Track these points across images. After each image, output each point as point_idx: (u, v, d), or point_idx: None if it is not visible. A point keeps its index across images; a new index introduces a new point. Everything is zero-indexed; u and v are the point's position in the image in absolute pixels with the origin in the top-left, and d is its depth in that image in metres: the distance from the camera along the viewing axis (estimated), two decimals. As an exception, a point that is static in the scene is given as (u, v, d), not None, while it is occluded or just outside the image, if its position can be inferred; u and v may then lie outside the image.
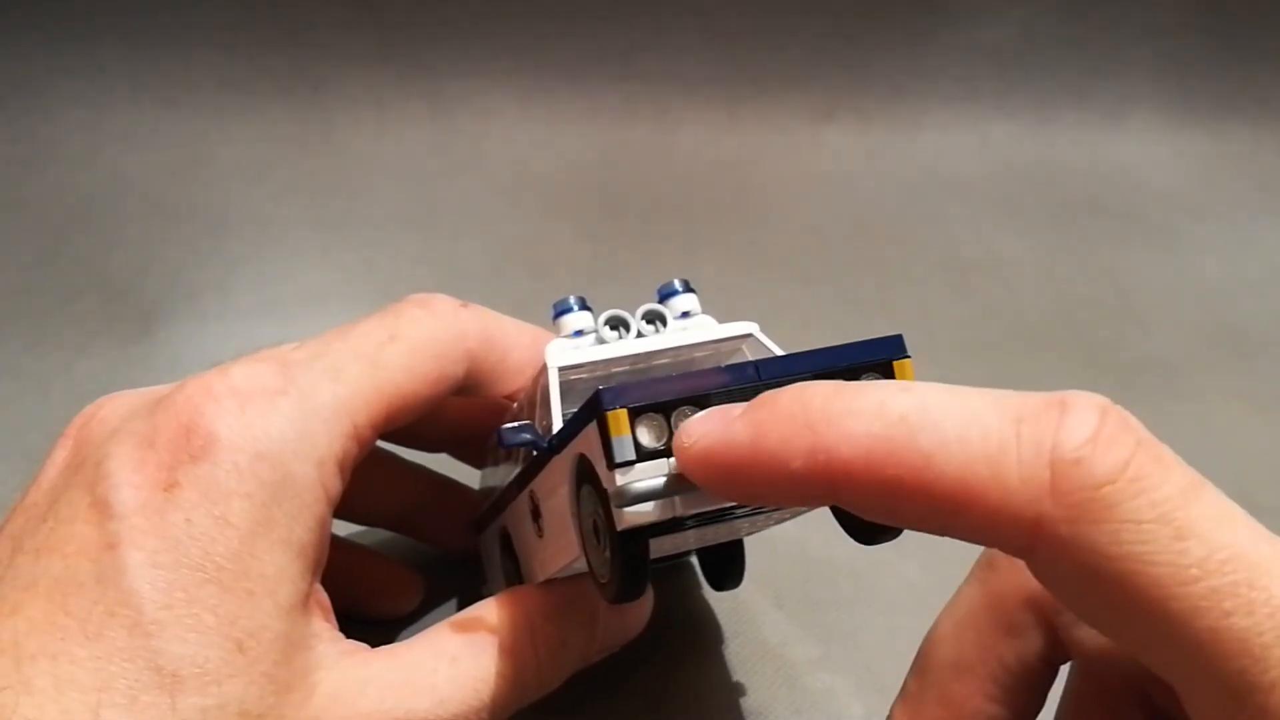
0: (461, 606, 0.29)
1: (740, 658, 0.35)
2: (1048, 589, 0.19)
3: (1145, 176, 0.66)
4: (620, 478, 0.21)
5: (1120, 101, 0.68)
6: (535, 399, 0.28)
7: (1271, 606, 0.17)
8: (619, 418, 0.21)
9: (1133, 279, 0.58)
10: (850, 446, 0.19)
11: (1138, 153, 0.67)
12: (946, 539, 0.41)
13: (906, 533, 0.25)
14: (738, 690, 0.34)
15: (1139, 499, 0.17)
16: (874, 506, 0.19)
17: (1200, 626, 0.17)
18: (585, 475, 0.23)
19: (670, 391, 0.22)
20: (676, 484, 0.21)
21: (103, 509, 0.24)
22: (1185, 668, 0.18)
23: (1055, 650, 0.24)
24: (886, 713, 0.34)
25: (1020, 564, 0.20)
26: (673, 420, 0.22)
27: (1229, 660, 0.17)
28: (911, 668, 0.25)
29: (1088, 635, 0.23)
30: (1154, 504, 0.17)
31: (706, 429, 0.21)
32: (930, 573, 0.39)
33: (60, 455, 0.27)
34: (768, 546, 0.36)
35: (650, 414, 0.22)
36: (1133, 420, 0.18)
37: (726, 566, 0.33)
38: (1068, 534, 0.17)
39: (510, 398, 0.32)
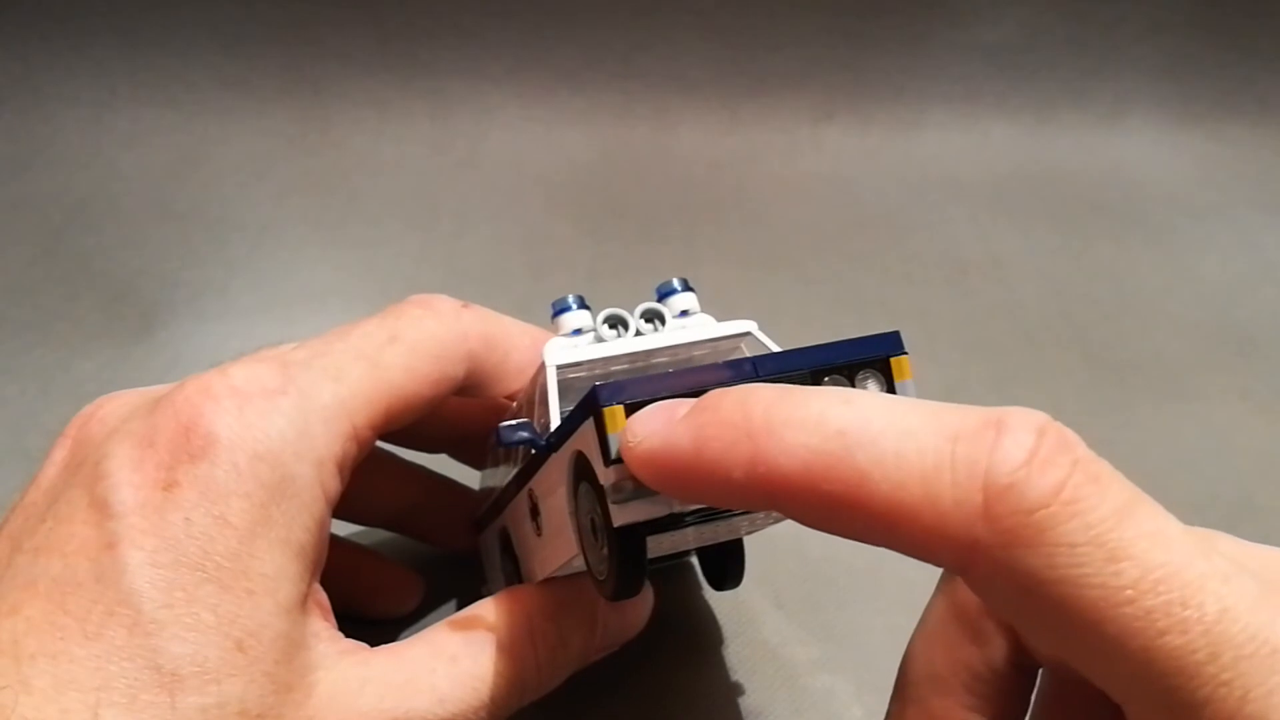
0: (461, 606, 0.29)
1: (740, 658, 0.35)
2: (987, 605, 0.19)
3: (1145, 176, 0.66)
4: (617, 474, 0.21)
5: (1120, 101, 0.68)
6: (534, 398, 0.28)
7: (1205, 625, 0.17)
8: (615, 414, 0.21)
9: (1133, 279, 0.58)
10: (788, 459, 0.19)
11: (1138, 153, 0.67)
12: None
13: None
14: (738, 690, 0.34)
15: (1072, 522, 0.17)
16: (812, 519, 0.19)
17: (1135, 646, 0.17)
18: (583, 472, 0.23)
19: (667, 388, 0.22)
20: None
21: (102, 508, 0.24)
22: (1124, 685, 0.18)
23: (1022, 655, 0.24)
24: (886, 712, 0.34)
25: None
26: None
27: (1164, 679, 0.17)
28: (893, 691, 0.25)
29: (1040, 645, 0.23)
30: (1088, 526, 0.17)
31: (651, 429, 0.20)
32: (930, 573, 0.39)
33: (59, 455, 0.27)
34: (768, 546, 0.36)
35: None
36: (1071, 438, 0.18)
37: (726, 566, 0.33)
38: (1002, 557, 0.17)
39: (510, 398, 0.32)
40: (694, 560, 0.37)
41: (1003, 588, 0.18)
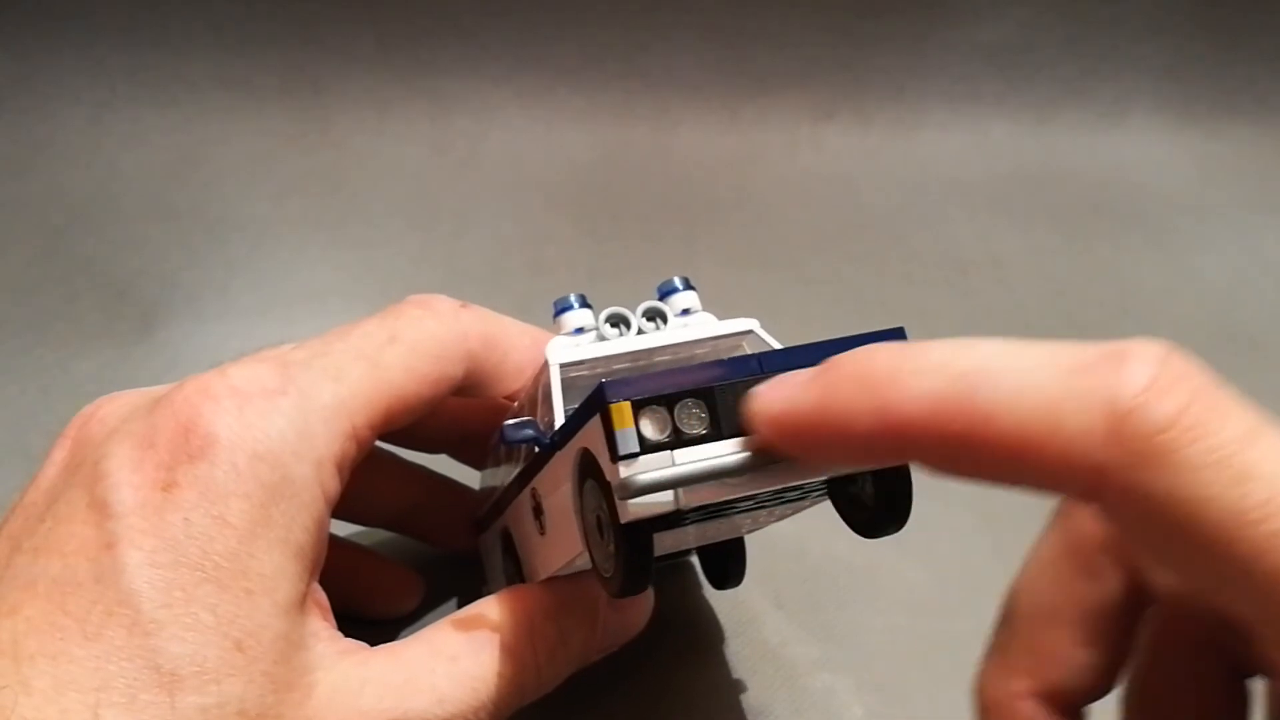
0: (462, 607, 0.29)
1: (740, 658, 0.35)
2: (1117, 532, 0.20)
3: (1145, 176, 0.66)
4: (624, 470, 0.21)
5: (1120, 101, 0.68)
6: (536, 397, 0.28)
7: None
8: (623, 410, 0.21)
9: (1133, 279, 0.58)
10: (914, 406, 0.19)
11: (1138, 153, 0.67)
12: (943, 540, 0.41)
13: (905, 533, 0.25)
14: (738, 689, 0.34)
15: (1195, 445, 0.17)
16: (939, 463, 0.19)
17: (1266, 566, 0.17)
18: (589, 469, 0.23)
19: (674, 384, 0.22)
20: (680, 476, 0.21)
21: (101, 509, 0.24)
22: (1253, 608, 0.18)
23: (1135, 593, 0.24)
24: (886, 712, 0.34)
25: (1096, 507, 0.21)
26: (675, 413, 0.22)
27: None
28: (997, 623, 0.25)
29: (1164, 577, 0.23)
30: (1211, 449, 0.17)
31: (777, 394, 0.21)
32: (930, 573, 0.39)
33: (59, 455, 0.27)
34: (768, 546, 0.36)
35: (654, 407, 0.22)
36: (1192, 367, 0.18)
37: (727, 565, 0.33)
38: (1128, 481, 0.18)
39: (510, 398, 0.32)
40: (694, 560, 0.37)
41: (1132, 512, 0.18)
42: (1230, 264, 0.59)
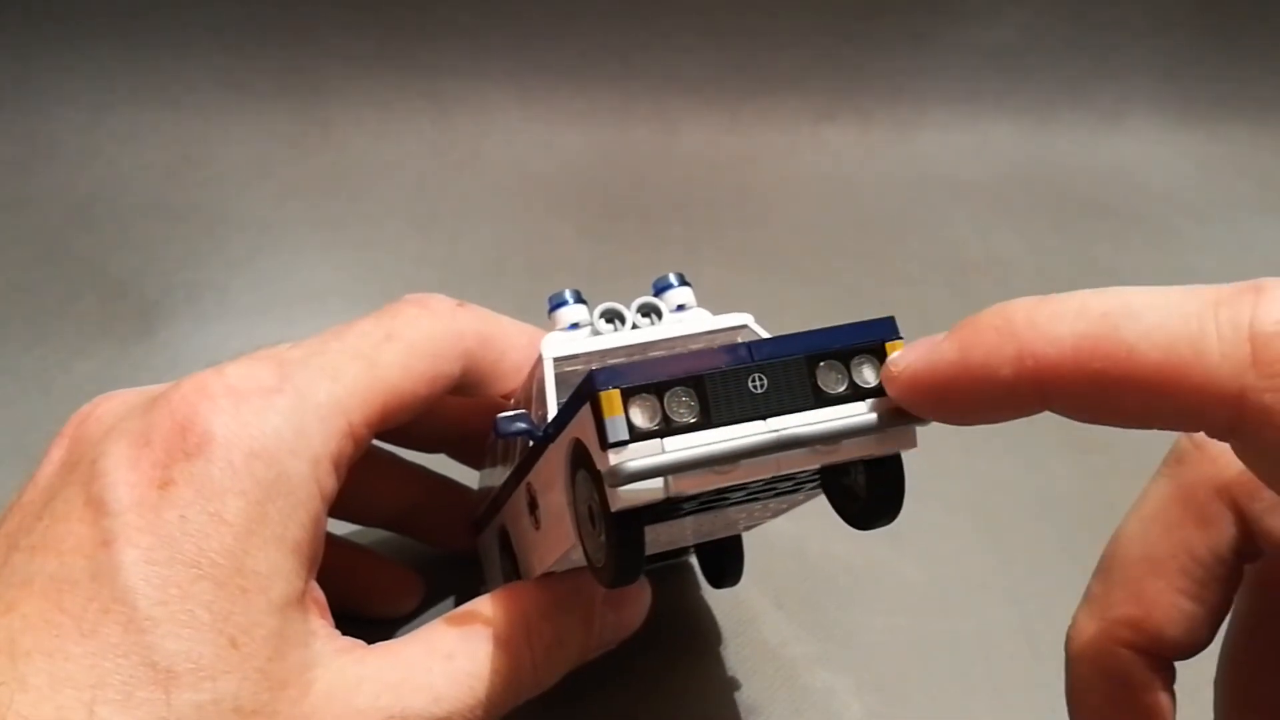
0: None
1: (740, 657, 0.35)
2: (1252, 467, 0.19)
3: (1145, 176, 0.65)
4: (614, 458, 0.21)
5: (1120, 101, 0.68)
6: (531, 393, 0.28)
7: None
8: (612, 398, 0.21)
9: (1133, 279, 0.57)
10: (1056, 347, 0.19)
11: (1138, 153, 0.67)
12: (942, 540, 0.41)
13: (905, 532, 0.25)
14: (737, 688, 0.34)
15: None
16: (1082, 402, 0.20)
17: None
18: (580, 460, 0.23)
19: (663, 373, 0.22)
20: (670, 464, 0.21)
21: (98, 506, 0.24)
22: None
23: (1246, 542, 0.24)
24: (886, 712, 0.34)
25: (1210, 453, 0.21)
26: (665, 401, 0.22)
27: None
28: (1095, 572, 0.25)
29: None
30: None
31: (915, 354, 0.21)
32: (929, 572, 0.39)
33: (56, 453, 0.27)
34: (766, 545, 0.36)
35: (643, 395, 0.22)
36: None
37: (725, 564, 0.33)
38: (1271, 403, 0.18)
39: (507, 397, 0.32)
40: (693, 559, 0.37)
41: (1271, 439, 0.18)
42: (1230, 264, 0.59)
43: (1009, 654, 0.36)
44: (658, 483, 0.21)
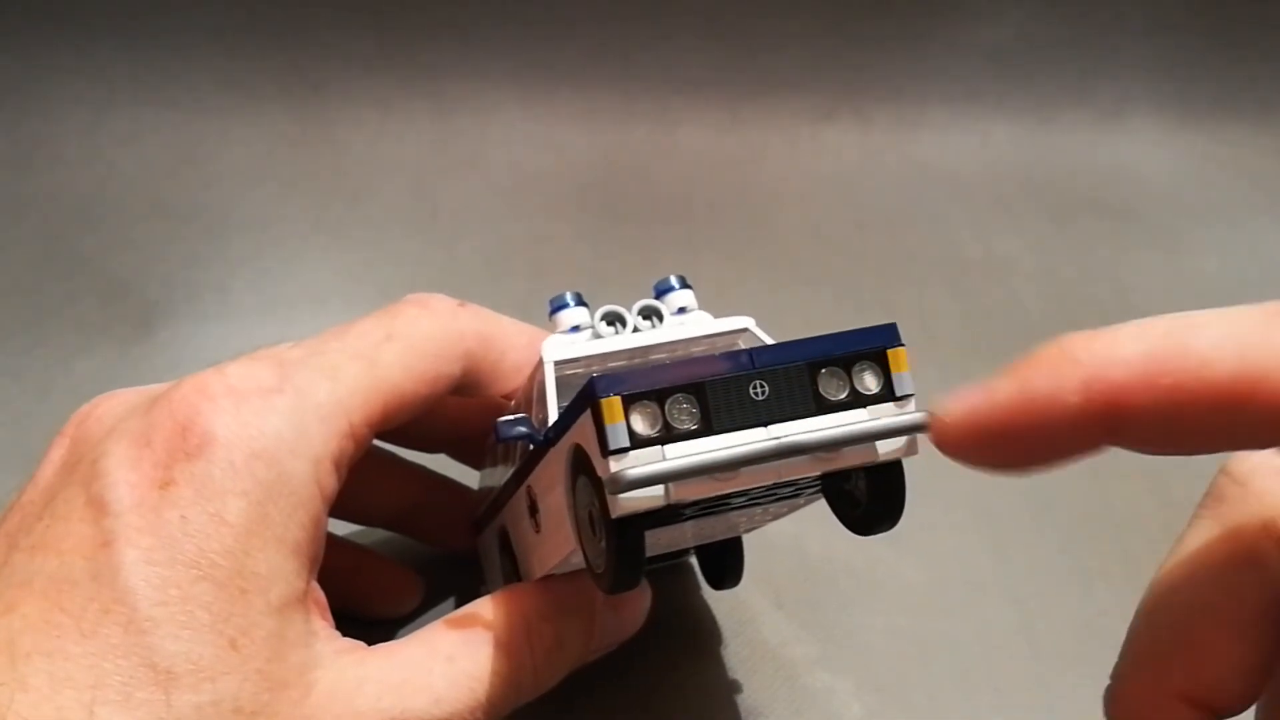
0: (460, 606, 0.29)
1: (740, 657, 0.35)
2: None
3: (1145, 176, 0.65)
4: (615, 465, 0.21)
5: (1120, 101, 0.68)
6: (532, 396, 0.28)
7: None
8: (613, 405, 0.21)
9: (1133, 279, 0.58)
10: (1124, 367, 0.19)
11: (1137, 153, 0.67)
12: (942, 540, 0.41)
13: (905, 533, 0.25)
14: (737, 689, 0.34)
15: None
16: (1158, 424, 0.19)
17: None
18: (581, 465, 0.23)
19: (665, 379, 0.22)
20: (671, 471, 0.21)
21: (98, 507, 0.24)
22: None
23: None
24: (886, 712, 0.34)
25: (1255, 489, 0.21)
26: (666, 408, 0.22)
27: None
28: (1136, 623, 0.23)
29: None
30: None
31: (966, 396, 0.20)
32: (929, 573, 0.39)
33: (57, 453, 0.27)
34: (767, 546, 0.36)
35: (644, 401, 0.21)
36: None
37: (725, 565, 0.33)
38: None
39: (508, 397, 0.32)
40: (693, 560, 0.37)
41: None
42: (1230, 264, 0.59)
43: (1009, 654, 0.36)
44: (658, 490, 0.21)
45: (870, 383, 0.23)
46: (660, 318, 0.27)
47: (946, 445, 0.21)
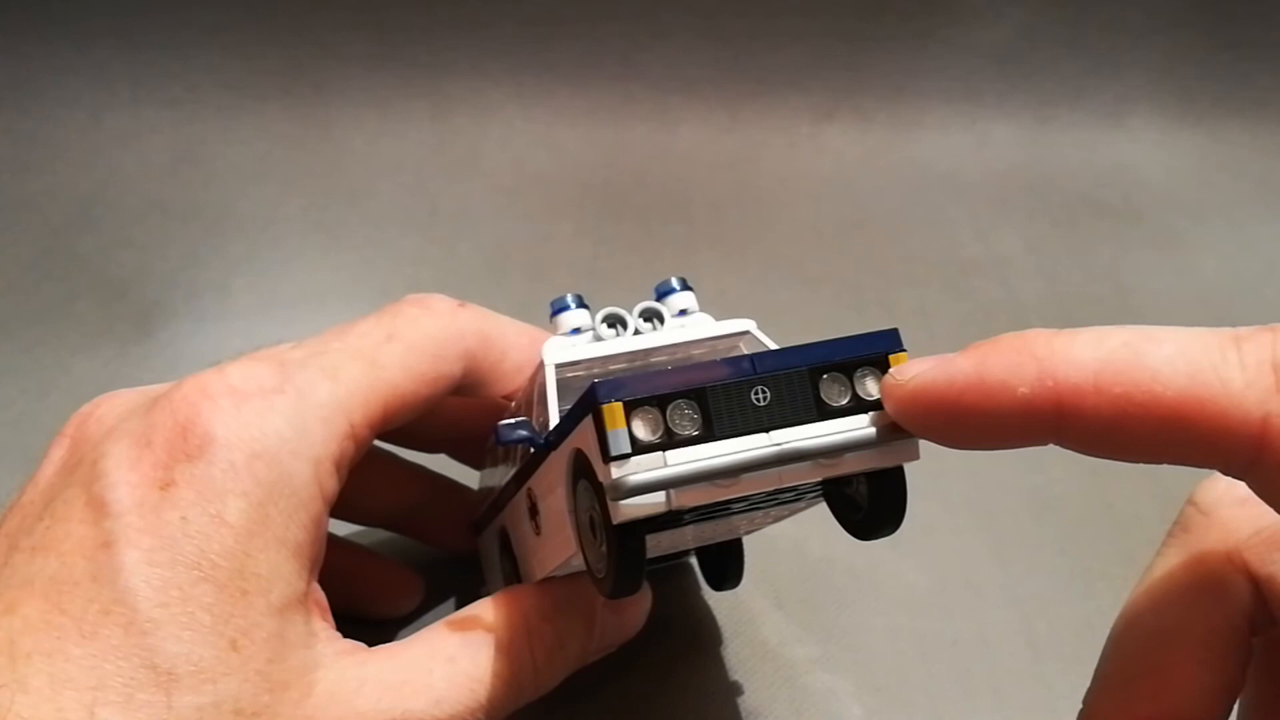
0: (461, 607, 0.29)
1: (740, 658, 0.35)
2: (1272, 503, 0.19)
3: (1145, 176, 0.65)
4: (616, 471, 0.21)
5: (1120, 101, 0.68)
6: (533, 397, 0.28)
7: None
8: (614, 411, 0.21)
9: (1133, 279, 0.58)
10: (1077, 369, 0.19)
11: (1137, 153, 0.67)
12: (942, 541, 0.41)
13: (905, 534, 0.25)
14: (737, 689, 0.34)
15: None
16: (1100, 429, 0.19)
17: None
18: (581, 470, 0.23)
19: (666, 385, 0.22)
20: (672, 477, 0.21)
21: (99, 507, 0.24)
22: None
23: (1260, 608, 0.23)
24: (886, 712, 0.34)
25: (1219, 518, 0.21)
26: (668, 414, 0.22)
27: None
28: (1106, 649, 0.24)
29: None
30: None
31: (924, 366, 0.21)
32: (929, 573, 0.39)
33: (57, 454, 0.27)
34: (767, 547, 0.36)
35: (646, 407, 0.21)
36: None
37: (725, 566, 0.33)
38: None
39: (508, 398, 0.32)
40: (693, 560, 0.37)
41: None
42: (1230, 264, 0.59)
43: (1009, 654, 0.36)
44: (660, 496, 0.21)
45: (872, 388, 0.23)
46: (661, 320, 0.27)
47: (897, 409, 0.22)
